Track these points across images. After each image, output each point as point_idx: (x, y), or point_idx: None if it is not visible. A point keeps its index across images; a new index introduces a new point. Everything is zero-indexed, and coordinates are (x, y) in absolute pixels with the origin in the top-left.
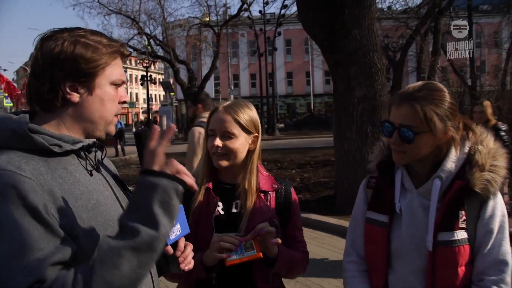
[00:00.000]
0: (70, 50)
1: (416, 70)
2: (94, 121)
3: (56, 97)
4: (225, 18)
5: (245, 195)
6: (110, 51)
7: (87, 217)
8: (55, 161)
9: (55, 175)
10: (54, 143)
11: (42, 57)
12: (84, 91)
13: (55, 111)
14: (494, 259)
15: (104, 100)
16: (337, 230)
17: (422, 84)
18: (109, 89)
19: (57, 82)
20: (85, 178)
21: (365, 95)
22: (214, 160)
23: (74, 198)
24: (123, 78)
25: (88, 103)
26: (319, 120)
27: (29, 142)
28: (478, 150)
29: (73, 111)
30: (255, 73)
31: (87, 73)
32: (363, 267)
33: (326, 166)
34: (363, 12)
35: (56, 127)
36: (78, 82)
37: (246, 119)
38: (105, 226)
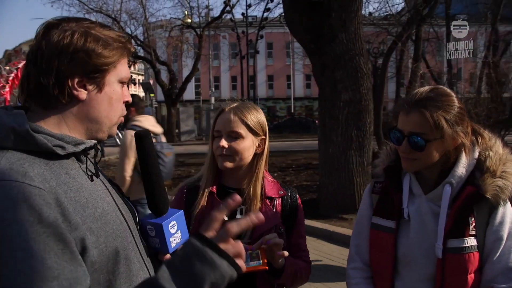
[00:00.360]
0: (80, 43)
1: (395, 76)
2: (100, 122)
3: (62, 93)
4: (207, 20)
5: (251, 201)
6: (120, 46)
7: (96, 227)
8: (56, 164)
9: (59, 181)
10: (56, 144)
11: (47, 47)
12: (93, 88)
13: (57, 108)
14: (503, 266)
15: (113, 99)
16: (322, 234)
17: (430, 89)
18: (117, 87)
19: (64, 76)
20: (87, 184)
21: (351, 99)
22: (219, 161)
23: (81, 207)
24: (129, 75)
25: (96, 102)
26: (299, 123)
27: (30, 143)
28: (489, 156)
29: (78, 110)
30: (236, 76)
31: (99, 68)
32: (368, 274)
33: (308, 169)
34: (350, 16)
35: (56, 126)
36: (88, 78)
37: (253, 120)
38: (114, 237)
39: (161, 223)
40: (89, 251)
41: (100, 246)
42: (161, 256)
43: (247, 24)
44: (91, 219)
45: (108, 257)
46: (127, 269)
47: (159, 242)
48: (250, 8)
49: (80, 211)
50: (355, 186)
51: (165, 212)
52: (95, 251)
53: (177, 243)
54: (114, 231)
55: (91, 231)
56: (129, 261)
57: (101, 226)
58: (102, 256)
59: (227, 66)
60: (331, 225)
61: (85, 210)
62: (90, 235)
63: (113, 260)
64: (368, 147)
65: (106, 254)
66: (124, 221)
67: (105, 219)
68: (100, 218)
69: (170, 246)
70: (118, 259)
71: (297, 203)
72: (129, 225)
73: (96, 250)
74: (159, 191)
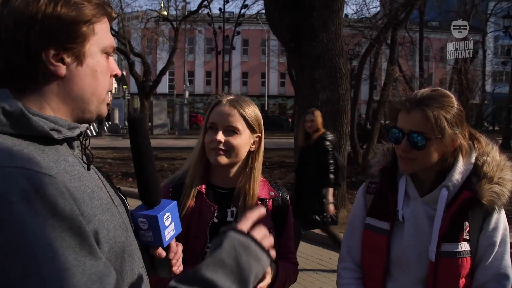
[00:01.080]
0: (50, 8)
1: (369, 79)
2: (86, 99)
3: (36, 70)
4: (184, 13)
5: (244, 203)
6: (97, 6)
7: (106, 220)
8: (52, 151)
9: (60, 169)
10: (52, 128)
11: (10, 16)
12: (71, 60)
13: (34, 89)
14: (495, 272)
15: (97, 72)
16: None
17: (431, 90)
18: (101, 58)
19: (36, 49)
20: (85, 173)
21: (329, 99)
22: (212, 156)
23: (89, 198)
24: (114, 45)
25: (78, 77)
26: (273, 121)
27: (23, 126)
28: (486, 161)
29: (59, 88)
30: (211, 71)
31: (75, 35)
32: (359, 275)
33: (281, 167)
34: (331, 16)
35: (38, 109)
36: (64, 49)
37: (251, 115)
38: (121, 231)
39: (156, 215)
40: (101, 245)
41: (110, 241)
42: (152, 250)
43: (224, 20)
44: (100, 210)
45: (116, 254)
46: (131, 267)
47: (152, 236)
48: (228, 3)
49: (88, 202)
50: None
51: (158, 204)
52: (106, 246)
53: (171, 236)
54: (120, 224)
55: (102, 224)
56: (132, 258)
57: (109, 218)
58: (111, 252)
59: (202, 61)
60: None
61: (92, 201)
62: (102, 228)
63: (120, 257)
64: (344, 147)
65: (114, 251)
66: (120, 214)
67: (111, 211)
68: (107, 210)
69: (165, 239)
70: (124, 256)
71: (288, 204)
72: (123, 218)
73: (107, 245)
74: (153, 180)
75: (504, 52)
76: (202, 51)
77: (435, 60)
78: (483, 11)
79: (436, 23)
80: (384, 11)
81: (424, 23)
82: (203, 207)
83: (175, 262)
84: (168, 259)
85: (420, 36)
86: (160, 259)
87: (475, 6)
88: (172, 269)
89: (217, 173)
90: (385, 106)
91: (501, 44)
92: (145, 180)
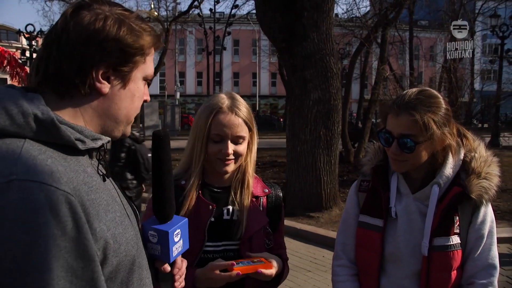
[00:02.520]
0: (113, 30)
1: (359, 78)
2: (119, 120)
3: (83, 83)
4: (175, 14)
5: (240, 201)
6: (152, 41)
7: (119, 233)
8: (73, 161)
9: (79, 181)
10: (77, 138)
11: (75, 29)
12: (117, 82)
13: (75, 98)
14: (484, 263)
15: (135, 97)
16: (288, 231)
17: (418, 91)
18: (141, 84)
19: (90, 65)
20: (102, 184)
21: (320, 98)
22: (219, 165)
23: (104, 211)
24: (153, 74)
25: (118, 98)
26: (264, 121)
27: (52, 134)
28: (474, 157)
29: (98, 104)
30: (202, 72)
31: (128, 61)
32: (354, 271)
33: (274, 167)
34: (322, 16)
35: (71, 117)
36: (114, 70)
37: (249, 116)
38: (132, 244)
39: (167, 230)
40: (109, 260)
41: (121, 255)
42: (159, 264)
43: (214, 20)
44: (114, 224)
45: (125, 266)
46: (139, 278)
47: (160, 250)
48: (218, 4)
49: (103, 216)
50: (322, 184)
51: (170, 219)
52: (115, 260)
53: (178, 252)
54: (132, 237)
55: (115, 237)
56: (141, 269)
57: (122, 232)
58: (121, 265)
59: (193, 61)
60: (297, 222)
61: (107, 214)
62: (114, 242)
63: (129, 269)
64: (335, 146)
65: (124, 263)
66: (132, 226)
67: (124, 224)
68: (121, 223)
69: (172, 255)
70: (133, 268)
71: (281, 200)
72: (135, 229)
73: (116, 259)
74: (168, 196)
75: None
76: (193, 52)
77: (425, 58)
78: (471, 10)
79: (426, 22)
80: (374, 10)
81: (414, 22)
82: (201, 207)
83: (178, 278)
84: (171, 274)
85: (410, 35)
86: (164, 273)
87: (463, 6)
88: (175, 284)
89: (213, 173)
90: (376, 105)
91: (489, 43)
92: (161, 195)
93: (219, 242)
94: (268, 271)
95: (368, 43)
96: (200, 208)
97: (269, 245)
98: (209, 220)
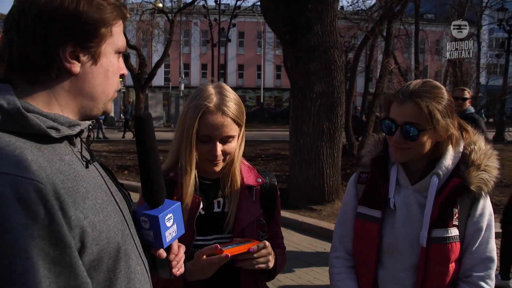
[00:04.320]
0: (72, 6)
1: (364, 71)
2: (95, 98)
3: (50, 65)
4: (180, 5)
5: (230, 192)
6: (115, 8)
7: (98, 221)
8: (49, 149)
9: (54, 169)
10: (50, 126)
11: (32, 10)
12: (87, 59)
13: (46, 83)
14: (481, 256)
15: (109, 72)
16: (291, 224)
17: (422, 82)
18: (114, 58)
19: (54, 45)
20: (84, 171)
21: (324, 91)
22: (209, 166)
23: (81, 199)
24: (125, 45)
25: (91, 75)
26: (268, 113)
27: (20, 124)
28: (474, 150)
29: (70, 85)
30: (206, 63)
31: (94, 35)
32: (351, 263)
33: (277, 159)
34: (326, 9)
35: (45, 104)
36: (81, 47)
37: (238, 112)
38: (116, 231)
39: (157, 215)
40: (88, 248)
41: (102, 242)
42: (154, 250)
43: (219, 12)
44: (93, 211)
45: (109, 254)
46: (126, 266)
47: (153, 236)
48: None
49: (80, 203)
50: (324, 177)
51: (161, 203)
52: (96, 248)
53: (172, 237)
54: (116, 224)
55: (93, 225)
56: (128, 257)
57: (103, 219)
58: (103, 253)
59: (198, 53)
60: (300, 215)
61: (85, 201)
62: (92, 230)
63: (114, 257)
64: (339, 139)
65: (107, 251)
66: (120, 211)
67: (106, 210)
68: (102, 210)
69: (165, 240)
70: (119, 255)
71: (276, 189)
72: (125, 215)
73: (97, 247)
74: (157, 180)
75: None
76: (197, 44)
77: (431, 52)
78: (478, 3)
79: (432, 16)
80: (379, 3)
81: (420, 16)
82: (193, 201)
83: (176, 264)
84: (168, 260)
85: (416, 28)
86: (161, 259)
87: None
88: (172, 270)
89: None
90: (380, 98)
91: (495, 36)
92: (149, 180)
93: (210, 236)
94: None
95: (373, 36)
96: (193, 203)
97: (263, 236)
98: (197, 213)
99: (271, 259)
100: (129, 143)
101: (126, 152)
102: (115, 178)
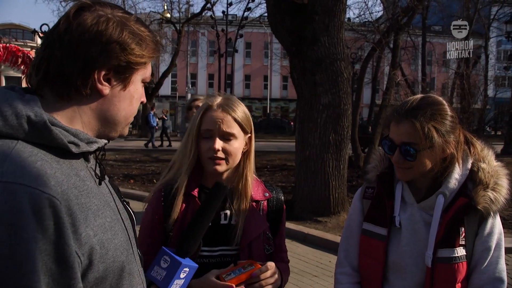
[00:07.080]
0: (116, 33)
1: (371, 82)
2: (117, 121)
3: (84, 84)
4: (187, 15)
5: (238, 205)
6: (153, 47)
7: (107, 239)
8: (66, 164)
9: (70, 184)
10: (71, 141)
11: (78, 30)
12: (117, 84)
13: (74, 100)
14: (490, 276)
15: (134, 99)
16: (296, 236)
17: (420, 98)
18: (139, 86)
19: (92, 66)
20: (95, 188)
21: (330, 103)
22: (209, 164)
23: (92, 216)
24: (150, 76)
25: (117, 99)
26: (275, 124)
27: (44, 136)
28: (481, 168)
29: (97, 105)
30: (213, 73)
31: (130, 66)
32: (356, 279)
33: (283, 170)
34: (333, 21)
35: (69, 119)
36: (115, 73)
37: (243, 117)
38: (122, 250)
39: (181, 261)
40: (94, 266)
41: (108, 261)
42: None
43: (227, 22)
44: (102, 229)
45: (114, 273)
46: (129, 285)
47: (164, 276)
48: (231, 6)
49: (91, 220)
50: (330, 189)
51: (188, 256)
52: (102, 266)
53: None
54: (122, 243)
55: (102, 243)
56: (131, 276)
57: (111, 237)
58: (108, 271)
59: (205, 63)
60: (305, 227)
61: (96, 219)
62: (100, 248)
63: (118, 275)
64: (345, 151)
65: (112, 269)
66: (125, 230)
67: (114, 229)
68: (110, 229)
69: (171, 286)
70: (123, 274)
71: (282, 204)
72: (129, 234)
73: (103, 265)
74: (198, 235)
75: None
76: (204, 54)
77: (438, 64)
78: (486, 16)
79: (439, 28)
80: (386, 15)
81: (427, 28)
82: (194, 210)
83: None
84: None
85: (423, 40)
86: None
87: (477, 11)
88: None
89: (210, 175)
90: (386, 110)
91: (504, 49)
92: (193, 233)
93: (215, 248)
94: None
95: (380, 48)
96: (193, 212)
97: (269, 250)
98: None
99: (277, 277)
100: (136, 152)
101: (132, 161)
102: (121, 195)
